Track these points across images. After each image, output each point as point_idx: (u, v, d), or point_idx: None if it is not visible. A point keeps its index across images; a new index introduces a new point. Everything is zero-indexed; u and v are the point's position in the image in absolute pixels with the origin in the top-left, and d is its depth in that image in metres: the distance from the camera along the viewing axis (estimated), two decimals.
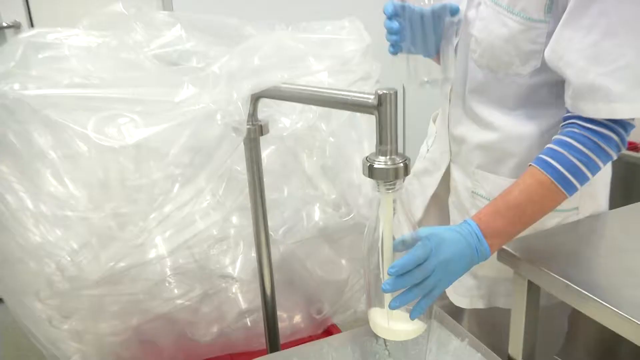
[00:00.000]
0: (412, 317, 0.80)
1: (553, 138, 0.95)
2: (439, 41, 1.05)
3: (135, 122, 0.84)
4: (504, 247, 0.97)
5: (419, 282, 0.79)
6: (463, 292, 1.18)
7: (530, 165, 0.94)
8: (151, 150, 0.84)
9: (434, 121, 1.30)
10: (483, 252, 0.88)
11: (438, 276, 0.81)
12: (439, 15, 1.01)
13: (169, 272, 1.00)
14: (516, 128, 1.04)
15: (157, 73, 0.95)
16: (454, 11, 1.02)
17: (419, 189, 1.29)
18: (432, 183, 1.25)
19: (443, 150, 1.20)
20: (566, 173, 0.90)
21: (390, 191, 0.74)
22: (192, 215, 1.01)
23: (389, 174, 0.72)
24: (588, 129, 0.91)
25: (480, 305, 1.17)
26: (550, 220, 1.04)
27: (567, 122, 0.94)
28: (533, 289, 0.96)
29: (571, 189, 0.91)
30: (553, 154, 0.92)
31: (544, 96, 1.01)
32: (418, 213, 1.23)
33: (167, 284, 1.00)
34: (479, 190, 1.12)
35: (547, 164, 0.92)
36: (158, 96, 0.85)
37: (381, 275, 0.78)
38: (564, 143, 0.92)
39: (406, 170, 0.72)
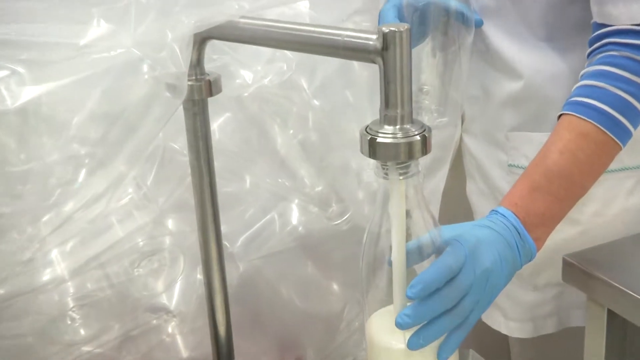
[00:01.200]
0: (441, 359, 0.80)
1: (583, 72, 0.96)
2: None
3: (19, 77, 0.82)
4: (570, 260, 0.98)
5: (450, 307, 0.80)
6: (520, 315, 1.20)
7: (562, 114, 0.95)
8: (44, 119, 0.83)
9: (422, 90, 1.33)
10: (527, 250, 0.89)
11: (476, 295, 0.81)
12: None
13: (71, 304, 1.00)
14: (546, 66, 1.06)
15: (53, 2, 0.94)
16: None
17: (428, 189, 1.32)
18: (442, 173, 1.29)
19: (448, 122, 1.24)
20: (613, 113, 0.91)
21: (401, 177, 0.74)
22: (107, 217, 1.01)
23: (400, 151, 0.72)
24: (627, 45, 0.92)
25: (550, 329, 1.19)
26: (621, 186, 1.06)
27: (598, 45, 0.95)
28: (616, 321, 0.97)
29: (624, 135, 0.92)
30: (589, 91, 0.93)
31: (577, 18, 1.02)
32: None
33: (69, 321, 1.00)
34: (519, 161, 1.14)
35: (585, 106, 0.93)
36: (54, 37, 0.84)
37: (394, 304, 0.79)
38: (600, 73, 0.93)
39: (425, 145, 0.72)
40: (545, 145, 0.95)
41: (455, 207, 1.26)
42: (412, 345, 0.78)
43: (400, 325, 0.77)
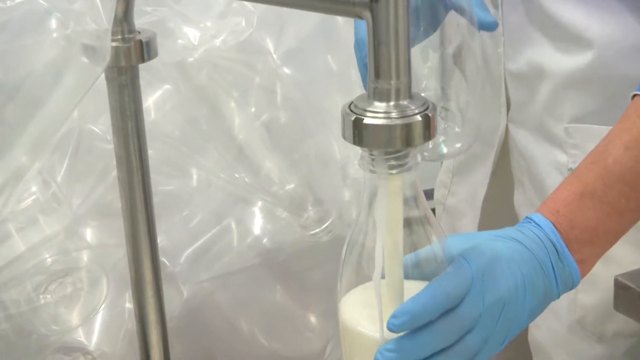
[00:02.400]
0: None
1: None
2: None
3: None
4: (624, 282, 0.99)
5: (450, 345, 0.80)
6: None
7: (636, 94, 0.97)
8: None
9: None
10: (567, 275, 0.89)
11: (485, 331, 0.82)
12: None
13: None
14: (624, 33, 1.08)
15: None
16: None
17: (464, 196, 1.32)
18: (482, 177, 1.30)
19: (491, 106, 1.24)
20: None
21: (395, 170, 0.75)
22: (2, 224, 1.01)
23: (393, 135, 0.72)
24: None
25: None
26: None
27: None
28: None
29: None
30: None
31: None
32: None
33: None
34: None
35: None
36: None
37: (378, 333, 0.79)
38: None
39: (429, 128, 0.73)
40: (607, 137, 0.96)
41: (498, 221, 1.27)
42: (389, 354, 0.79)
43: None
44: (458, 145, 1.09)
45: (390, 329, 0.77)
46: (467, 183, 1.35)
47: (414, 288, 0.79)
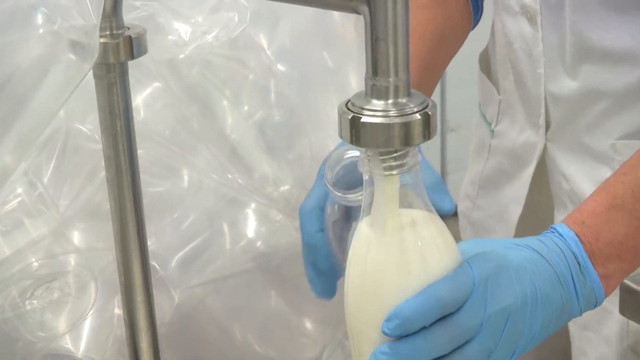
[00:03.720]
0: None
1: None
2: None
3: None
4: (632, 285, 0.99)
5: (447, 354, 0.80)
6: None
7: None
8: None
9: (483, 70, 1.38)
10: (589, 291, 0.89)
11: (488, 341, 0.81)
12: None
13: None
14: None
15: None
16: None
17: (492, 211, 1.32)
18: (517, 195, 1.30)
19: (526, 126, 1.25)
20: None
21: (394, 171, 0.75)
22: None
23: (391, 134, 0.72)
24: None
25: None
26: None
27: None
28: None
29: None
30: None
31: None
32: None
33: None
34: None
35: None
36: None
37: (373, 334, 0.80)
38: None
39: (428, 127, 0.73)
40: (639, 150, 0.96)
41: None
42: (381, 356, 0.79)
43: None
44: None
45: (384, 333, 0.78)
46: (496, 199, 1.36)
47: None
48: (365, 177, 0.77)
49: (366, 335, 0.81)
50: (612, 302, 1.09)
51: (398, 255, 0.78)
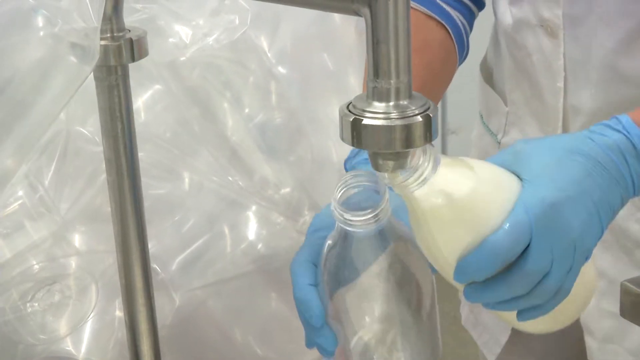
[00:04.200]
0: (521, 320, 0.87)
1: None
2: None
3: None
4: (633, 287, 0.99)
5: (526, 292, 0.84)
6: None
7: None
8: None
9: (487, 81, 1.37)
10: None
11: (561, 270, 0.84)
12: None
13: None
14: None
15: None
16: None
17: None
18: None
19: (539, 137, 1.23)
20: None
21: (395, 177, 0.76)
22: None
23: (393, 137, 0.72)
24: None
25: None
26: None
27: None
28: None
29: None
30: None
31: None
32: None
33: None
34: None
35: None
36: None
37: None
38: None
39: (429, 129, 0.73)
40: None
41: None
42: (468, 298, 0.84)
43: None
44: None
45: (457, 277, 0.83)
46: None
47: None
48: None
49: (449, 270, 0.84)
50: None
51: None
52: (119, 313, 1.05)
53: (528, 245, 0.82)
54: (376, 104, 0.73)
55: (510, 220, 0.81)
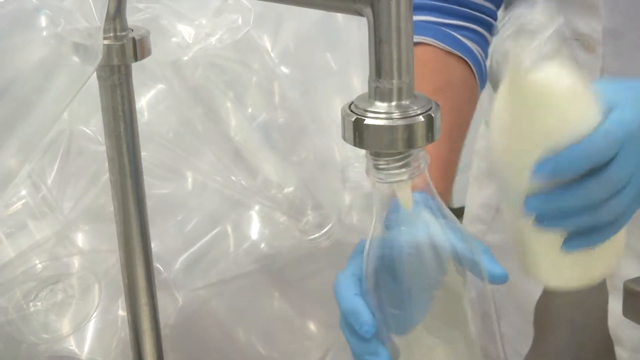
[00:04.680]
0: (566, 249, 0.86)
1: None
2: None
3: None
4: (634, 287, 0.99)
5: (596, 205, 0.84)
6: None
7: None
8: None
9: (493, 86, 1.35)
10: None
11: (636, 188, 0.85)
12: None
13: None
14: None
15: None
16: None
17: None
18: None
19: None
20: None
21: (396, 177, 0.76)
22: None
23: (395, 137, 0.72)
24: None
25: None
26: None
27: None
28: None
29: None
30: None
31: None
32: None
33: None
34: None
35: None
36: None
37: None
38: None
39: (432, 129, 0.73)
40: None
41: None
42: (530, 207, 0.84)
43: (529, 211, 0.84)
44: None
45: (537, 173, 0.82)
46: None
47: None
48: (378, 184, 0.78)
49: (517, 178, 0.84)
50: None
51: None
52: (122, 312, 1.05)
53: (612, 159, 0.83)
54: (378, 103, 0.73)
55: (606, 125, 0.82)
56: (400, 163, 0.75)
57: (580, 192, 0.83)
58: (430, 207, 0.81)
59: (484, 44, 1.22)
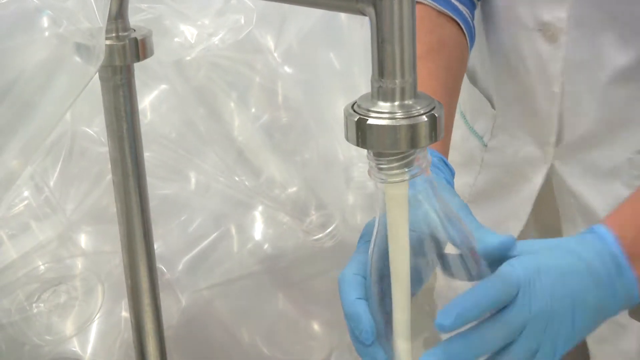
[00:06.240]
0: None
1: None
2: None
3: None
4: None
5: (496, 352, 0.81)
6: None
7: None
8: None
9: (471, 80, 1.38)
10: (627, 291, 0.89)
11: (532, 341, 0.82)
12: None
13: None
14: None
15: None
16: None
17: (488, 225, 1.34)
18: (518, 211, 1.32)
19: (528, 142, 1.27)
20: None
21: (398, 177, 0.75)
22: None
23: (398, 137, 0.72)
24: None
25: None
26: None
27: None
28: None
29: None
30: None
31: None
32: None
33: None
34: None
35: None
36: None
37: (394, 341, 0.80)
38: None
39: (435, 128, 0.73)
40: None
41: None
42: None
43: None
44: None
45: (440, 326, 0.78)
46: (491, 213, 1.35)
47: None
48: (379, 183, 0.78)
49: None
50: (624, 316, 1.09)
51: None
52: (125, 314, 1.05)
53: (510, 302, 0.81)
54: (381, 103, 0.73)
55: (502, 269, 0.81)
56: (402, 162, 0.75)
57: (478, 337, 0.80)
58: (430, 202, 0.80)
59: (471, 6, 1.23)
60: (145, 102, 1.08)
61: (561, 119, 1.25)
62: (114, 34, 0.91)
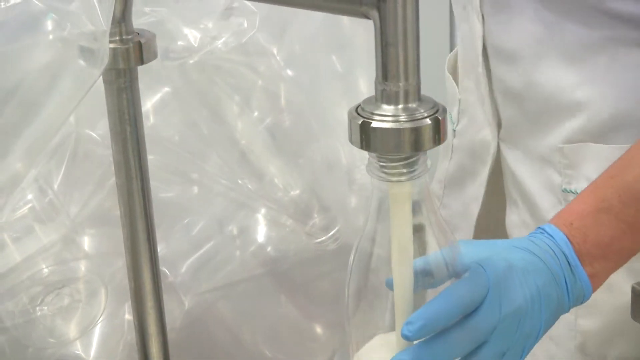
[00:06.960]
0: None
1: None
2: None
3: None
4: None
5: (463, 356, 0.81)
6: None
7: None
8: None
9: (450, 71, 1.35)
10: (578, 289, 0.90)
11: (501, 344, 0.82)
12: None
13: None
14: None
15: None
16: None
17: (456, 210, 1.33)
18: (475, 194, 1.30)
19: (483, 125, 1.25)
20: None
21: (403, 177, 0.75)
22: None
23: (402, 140, 0.72)
24: None
25: None
26: None
27: None
28: None
29: None
30: None
31: None
32: None
33: None
34: (577, 184, 1.15)
35: None
36: None
37: (396, 341, 0.80)
38: None
39: (439, 131, 0.72)
40: (627, 153, 0.97)
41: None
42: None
43: None
44: None
45: (404, 335, 0.77)
46: (459, 197, 1.35)
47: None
48: (375, 183, 0.77)
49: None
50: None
51: None
52: (129, 316, 1.05)
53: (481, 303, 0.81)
54: (385, 106, 0.72)
55: (470, 272, 0.81)
56: (402, 162, 0.75)
57: (445, 342, 0.80)
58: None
59: None
60: (149, 105, 1.08)
61: (496, 100, 1.24)
62: (117, 37, 0.91)
